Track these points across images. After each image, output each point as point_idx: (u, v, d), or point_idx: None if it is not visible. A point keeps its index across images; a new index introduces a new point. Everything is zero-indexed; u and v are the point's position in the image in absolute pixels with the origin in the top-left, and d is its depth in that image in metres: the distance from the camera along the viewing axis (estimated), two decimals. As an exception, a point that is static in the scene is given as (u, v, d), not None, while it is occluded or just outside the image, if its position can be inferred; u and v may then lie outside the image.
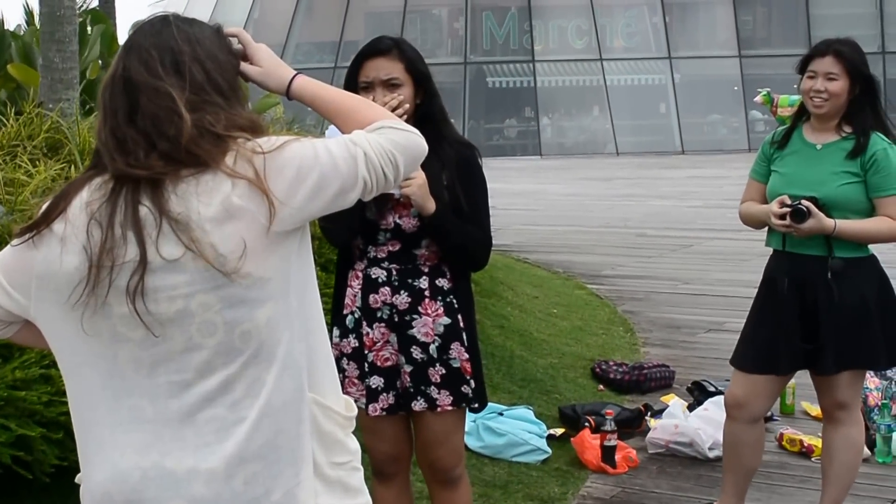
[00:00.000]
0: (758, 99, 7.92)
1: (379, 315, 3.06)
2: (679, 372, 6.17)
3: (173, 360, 1.77)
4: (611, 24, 31.13)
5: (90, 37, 8.34)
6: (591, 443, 4.78)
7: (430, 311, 3.05)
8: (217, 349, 1.76)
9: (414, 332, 3.05)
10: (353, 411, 1.97)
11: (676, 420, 5.03)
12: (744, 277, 8.09)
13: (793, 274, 3.70)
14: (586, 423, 5.00)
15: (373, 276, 3.06)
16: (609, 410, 5.04)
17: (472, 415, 4.18)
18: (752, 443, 3.90)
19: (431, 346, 3.06)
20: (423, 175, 2.89)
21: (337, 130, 1.95)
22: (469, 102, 30.52)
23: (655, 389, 5.90)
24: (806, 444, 4.92)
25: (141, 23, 1.88)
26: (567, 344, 6.80)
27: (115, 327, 1.77)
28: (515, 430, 4.86)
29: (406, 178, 2.76)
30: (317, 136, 1.95)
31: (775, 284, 3.75)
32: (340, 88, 2.22)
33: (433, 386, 3.07)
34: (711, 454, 4.81)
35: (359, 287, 3.08)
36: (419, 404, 3.08)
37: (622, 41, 31.32)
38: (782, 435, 5.05)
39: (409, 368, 3.07)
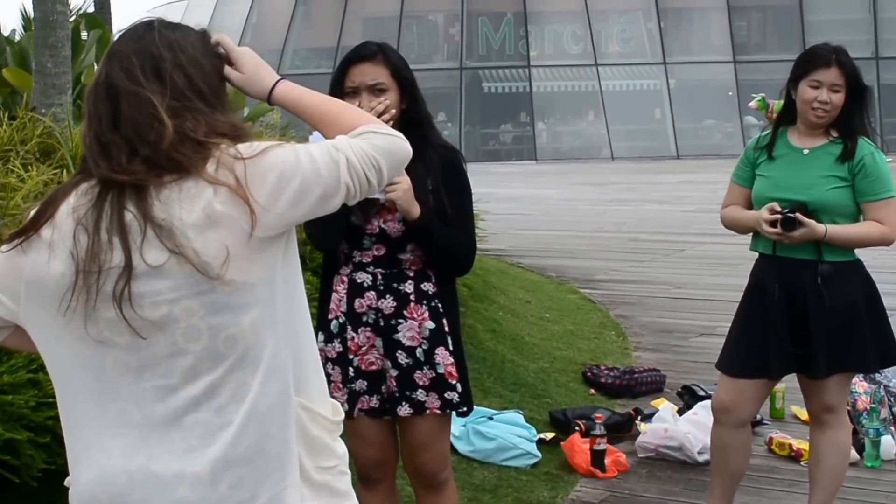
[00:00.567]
0: (752, 104, 7.88)
1: (364, 319, 3.07)
2: (670, 376, 6.18)
3: (159, 365, 1.78)
4: (606, 29, 31.20)
5: (85, 42, 8.33)
6: (580, 447, 4.79)
7: (415, 315, 3.05)
8: (202, 354, 1.77)
9: (399, 336, 3.06)
10: (341, 415, 1.97)
11: (666, 424, 5.05)
12: (736, 282, 8.01)
13: (782, 278, 3.70)
14: (576, 427, 5.01)
15: (358, 281, 3.07)
16: (599, 415, 5.05)
17: (462, 419, 4.18)
18: (738, 447, 3.90)
19: (418, 350, 3.06)
20: (407, 180, 2.89)
21: (321, 136, 1.95)
22: (465, 107, 30.58)
23: (646, 394, 5.91)
24: (795, 448, 4.94)
25: (125, 29, 1.90)
26: (559, 348, 6.81)
27: (102, 332, 1.77)
28: (505, 434, 4.87)
29: (391, 183, 2.78)
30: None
31: (764, 288, 3.74)
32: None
33: (420, 389, 3.07)
34: (701, 458, 4.81)
35: (344, 292, 3.09)
36: (404, 409, 3.08)
37: (617, 47, 31.38)
38: (771, 439, 5.06)
39: (394, 373, 3.07)
